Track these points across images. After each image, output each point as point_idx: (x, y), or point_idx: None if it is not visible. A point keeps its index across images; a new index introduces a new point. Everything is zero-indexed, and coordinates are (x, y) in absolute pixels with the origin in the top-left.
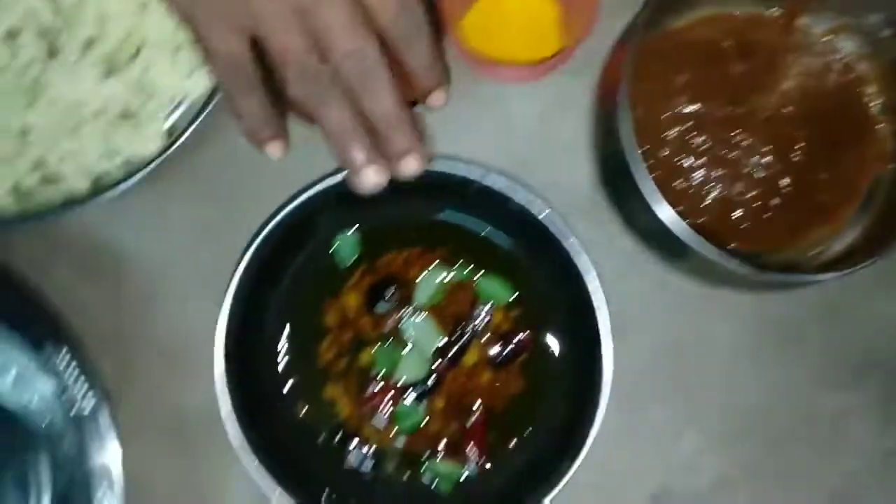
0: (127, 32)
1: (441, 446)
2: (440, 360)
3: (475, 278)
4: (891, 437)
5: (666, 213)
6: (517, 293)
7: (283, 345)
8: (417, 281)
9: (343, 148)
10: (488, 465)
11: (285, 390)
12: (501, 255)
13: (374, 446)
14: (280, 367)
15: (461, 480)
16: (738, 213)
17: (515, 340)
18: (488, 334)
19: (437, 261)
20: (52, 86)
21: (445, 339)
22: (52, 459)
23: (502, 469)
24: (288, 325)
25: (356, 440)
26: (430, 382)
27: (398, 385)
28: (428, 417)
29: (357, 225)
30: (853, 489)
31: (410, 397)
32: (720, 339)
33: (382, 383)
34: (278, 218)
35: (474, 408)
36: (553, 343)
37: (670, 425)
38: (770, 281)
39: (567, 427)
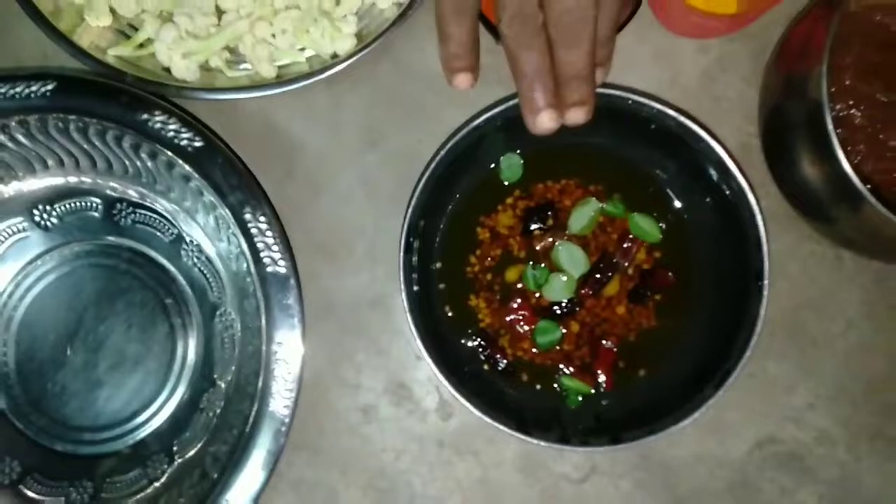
0: None
1: (571, 365)
2: (584, 287)
3: (629, 214)
4: None
5: (845, 165)
6: (667, 236)
7: (438, 252)
8: (573, 210)
9: (530, 89)
10: (614, 390)
11: (436, 292)
12: (658, 195)
13: (510, 356)
14: (436, 269)
15: (588, 398)
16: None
17: (656, 279)
18: (631, 269)
19: (593, 194)
20: None
21: (591, 267)
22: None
23: (627, 396)
24: (447, 234)
25: (494, 350)
26: (569, 306)
27: (539, 304)
28: (562, 339)
29: (520, 149)
30: None
31: (549, 317)
32: (848, 303)
33: (521, 300)
34: (455, 139)
35: (607, 336)
36: (693, 286)
37: (787, 379)
38: None
39: (697, 369)
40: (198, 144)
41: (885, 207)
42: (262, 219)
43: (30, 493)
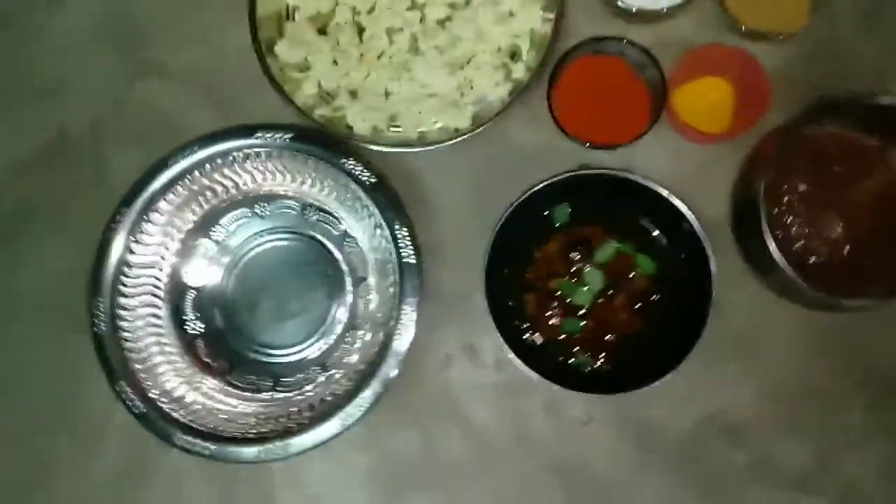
0: (469, 51)
1: (584, 348)
2: (600, 298)
3: (637, 253)
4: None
5: (772, 247)
6: (659, 271)
7: (508, 263)
8: (598, 247)
9: None
10: (610, 366)
11: (504, 290)
12: (657, 245)
13: (546, 337)
14: (505, 274)
15: (593, 369)
16: (812, 259)
17: (649, 298)
18: (633, 290)
19: (614, 237)
20: (413, 70)
21: (606, 286)
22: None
23: (619, 369)
24: (516, 252)
25: (535, 330)
26: (588, 309)
27: (569, 305)
28: (581, 330)
29: (567, 202)
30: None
31: (575, 314)
32: (783, 336)
33: (559, 302)
34: (528, 193)
35: (610, 331)
36: (669, 307)
37: (734, 376)
38: (820, 301)
39: (665, 356)
40: (373, 180)
41: (799, 274)
42: (405, 230)
43: (233, 382)
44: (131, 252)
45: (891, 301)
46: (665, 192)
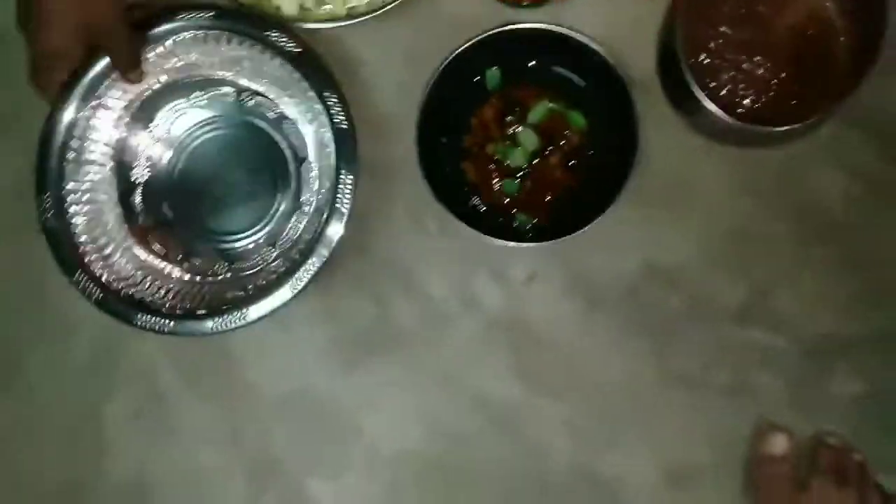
0: None
1: (524, 207)
2: (536, 158)
3: (568, 111)
4: None
5: (690, 81)
6: (589, 126)
7: (443, 131)
8: (531, 107)
9: None
10: (548, 222)
11: (442, 157)
12: (587, 99)
13: (487, 200)
14: (442, 143)
15: (532, 225)
16: (742, 100)
17: (582, 154)
18: (566, 148)
19: (546, 96)
20: None
21: (541, 145)
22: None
23: (555, 224)
24: (450, 120)
25: (477, 196)
26: (525, 170)
27: (507, 167)
28: (519, 190)
29: (498, 66)
30: None
31: (513, 176)
32: (714, 179)
33: (496, 165)
34: (452, 55)
35: (547, 189)
36: (602, 161)
37: (666, 224)
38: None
39: (595, 207)
40: (298, 50)
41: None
42: (335, 97)
43: (189, 267)
44: (72, 150)
45: (813, 125)
46: (590, 42)
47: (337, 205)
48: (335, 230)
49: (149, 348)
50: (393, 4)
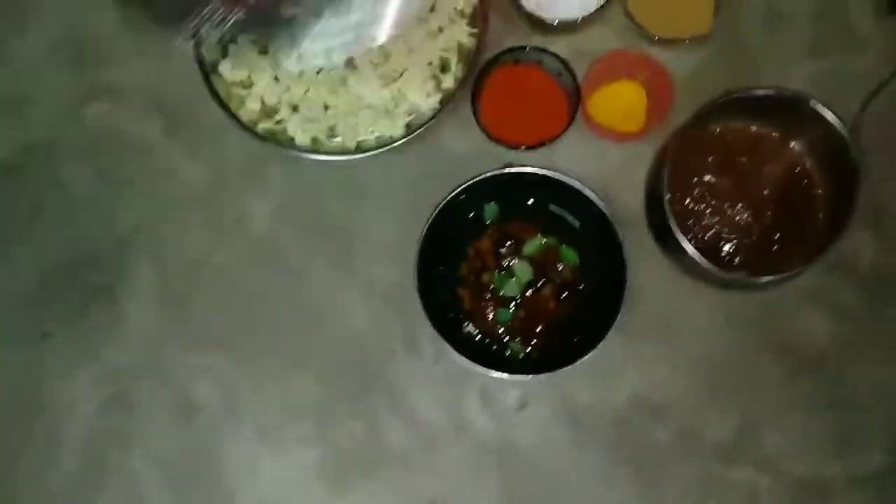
0: (401, 65)
1: (517, 335)
2: (529, 289)
3: (560, 246)
4: None
5: (675, 228)
6: (581, 261)
7: (441, 260)
8: (526, 241)
9: None
10: (539, 352)
11: (438, 284)
12: (579, 237)
13: (481, 328)
14: (440, 271)
15: (525, 355)
16: (724, 245)
17: (574, 287)
18: (559, 280)
19: (540, 232)
20: (349, 85)
21: (534, 277)
22: None
23: (550, 355)
24: (447, 249)
25: (471, 322)
26: (519, 300)
27: (501, 297)
28: (512, 319)
29: (496, 201)
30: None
31: (507, 305)
32: (700, 316)
33: (491, 294)
34: (455, 192)
35: (540, 319)
36: (592, 295)
37: (655, 358)
38: (726, 279)
39: (587, 340)
40: None
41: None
42: None
43: None
44: None
45: (795, 275)
46: (580, 187)
47: None
48: None
49: (137, 462)
50: (400, 142)
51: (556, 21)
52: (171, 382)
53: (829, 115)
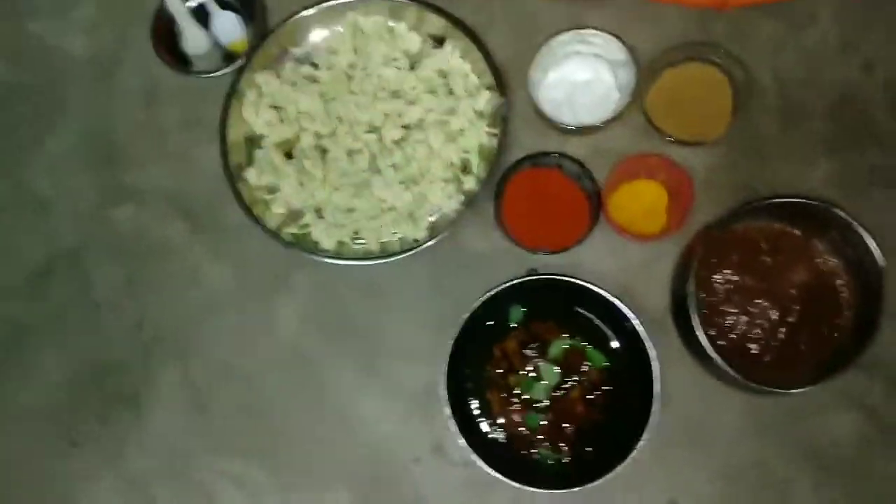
0: (421, 167)
1: (546, 440)
2: (557, 391)
3: (587, 347)
4: None
5: (702, 337)
6: (609, 363)
7: (467, 363)
8: (552, 342)
9: None
10: (571, 457)
11: (467, 387)
12: (605, 339)
13: (509, 432)
14: (466, 374)
15: (555, 461)
16: (752, 346)
17: (602, 389)
18: (586, 382)
19: (566, 333)
20: (372, 187)
21: (561, 380)
22: None
23: (581, 461)
24: (475, 352)
25: (498, 428)
26: (547, 403)
27: (529, 399)
28: (541, 424)
29: (521, 304)
30: None
31: (534, 409)
32: (729, 420)
33: (518, 398)
34: (483, 298)
35: (569, 422)
36: (621, 396)
37: (685, 464)
38: (754, 389)
39: (620, 447)
40: None
41: (738, 361)
42: None
43: None
44: None
45: (822, 382)
46: (607, 294)
47: None
48: None
49: None
50: (424, 246)
51: (575, 125)
52: (195, 487)
53: (848, 219)
